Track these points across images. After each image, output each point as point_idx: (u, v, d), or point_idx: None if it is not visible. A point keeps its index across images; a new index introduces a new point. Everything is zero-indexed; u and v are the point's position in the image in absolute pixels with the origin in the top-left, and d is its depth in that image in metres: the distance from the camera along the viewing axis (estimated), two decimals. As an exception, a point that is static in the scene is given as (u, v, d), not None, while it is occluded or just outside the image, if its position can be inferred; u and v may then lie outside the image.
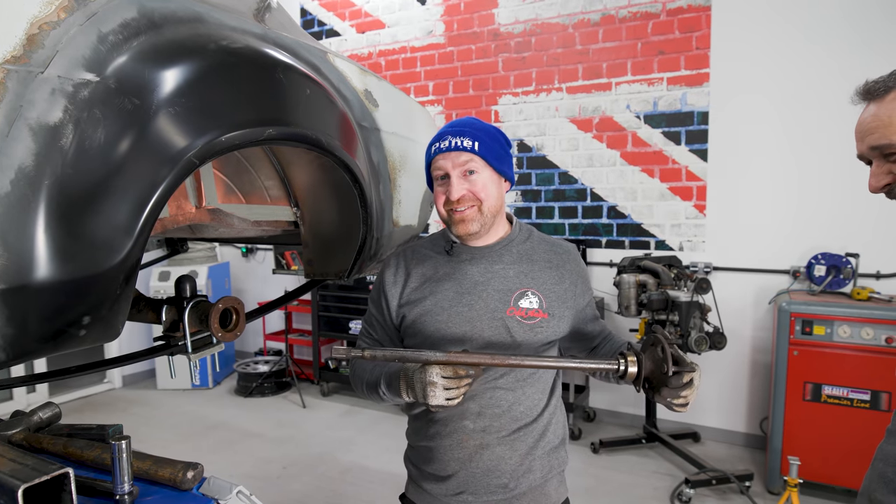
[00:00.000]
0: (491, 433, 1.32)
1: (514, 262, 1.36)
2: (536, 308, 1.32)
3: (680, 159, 4.00)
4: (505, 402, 1.32)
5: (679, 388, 1.12)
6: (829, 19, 3.50)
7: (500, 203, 1.33)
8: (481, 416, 1.32)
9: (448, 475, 1.35)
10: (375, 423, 4.36)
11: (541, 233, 1.46)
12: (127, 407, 4.84)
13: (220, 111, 0.98)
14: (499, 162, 1.29)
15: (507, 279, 1.34)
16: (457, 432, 1.33)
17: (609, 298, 4.20)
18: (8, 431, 1.59)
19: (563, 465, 1.42)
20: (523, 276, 1.34)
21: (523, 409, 1.33)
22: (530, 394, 1.34)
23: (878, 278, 3.47)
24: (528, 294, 1.32)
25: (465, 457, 1.33)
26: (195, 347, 1.33)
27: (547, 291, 1.34)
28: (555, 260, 1.38)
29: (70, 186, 0.77)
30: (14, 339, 0.74)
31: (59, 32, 0.77)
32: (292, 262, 5.04)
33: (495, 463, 1.32)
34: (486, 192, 1.28)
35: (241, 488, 1.35)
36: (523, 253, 1.37)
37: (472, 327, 1.31)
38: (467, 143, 1.26)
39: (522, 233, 1.42)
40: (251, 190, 1.51)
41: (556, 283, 1.35)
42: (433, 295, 1.34)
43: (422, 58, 4.90)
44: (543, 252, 1.39)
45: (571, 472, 3.52)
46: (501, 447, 1.32)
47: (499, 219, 1.35)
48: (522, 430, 1.34)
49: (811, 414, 3.14)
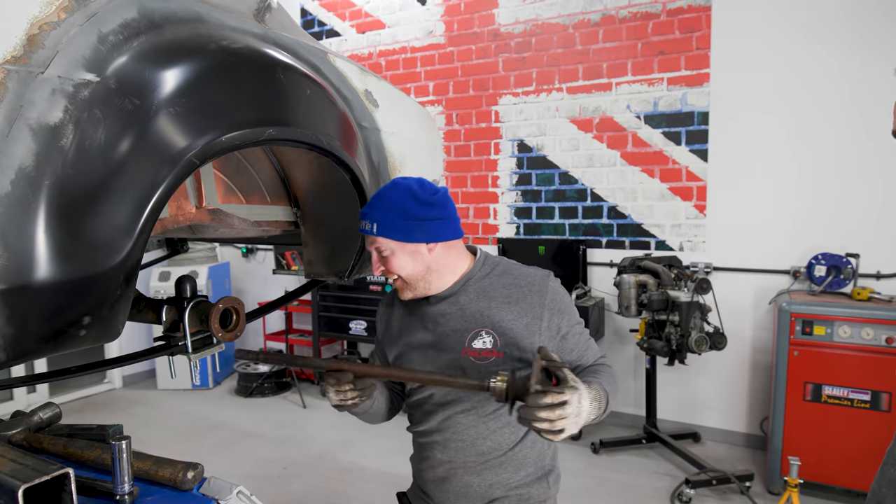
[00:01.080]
0: (457, 464, 1.36)
1: (472, 300, 1.35)
2: (490, 348, 1.30)
3: (680, 159, 4.00)
4: (468, 436, 1.34)
5: (536, 408, 1.04)
6: (830, 19, 3.50)
7: (423, 267, 1.32)
8: (446, 448, 1.37)
9: (428, 492, 1.44)
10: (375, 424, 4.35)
11: (509, 264, 1.42)
12: (127, 407, 4.84)
13: (220, 111, 0.98)
14: (404, 235, 1.28)
15: (464, 319, 1.34)
16: (428, 459, 1.42)
17: (609, 299, 4.19)
18: (8, 431, 1.59)
19: (544, 495, 1.39)
20: (479, 314, 1.33)
21: (491, 445, 1.34)
22: (495, 429, 1.34)
23: (878, 278, 3.47)
24: (482, 334, 1.31)
25: (438, 479, 1.40)
26: (195, 348, 1.33)
27: (503, 329, 1.31)
28: (514, 294, 1.33)
29: (70, 186, 0.77)
30: (14, 339, 0.74)
31: (59, 33, 0.77)
32: (292, 263, 5.04)
33: (464, 489, 1.37)
34: (398, 266, 1.31)
35: (242, 488, 1.35)
36: (481, 290, 1.36)
37: (437, 368, 1.34)
38: (367, 226, 1.29)
39: (484, 268, 1.39)
40: (251, 190, 1.51)
41: (514, 320, 1.31)
42: (407, 336, 1.43)
43: (422, 58, 4.90)
44: (503, 287, 1.35)
45: (571, 473, 3.54)
46: (469, 476, 1.36)
47: (440, 273, 1.35)
48: (490, 463, 1.35)
49: (811, 414, 3.14)
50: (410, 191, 1.29)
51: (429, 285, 1.35)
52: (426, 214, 1.28)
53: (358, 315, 4.71)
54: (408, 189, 1.29)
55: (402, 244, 1.29)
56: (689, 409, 4.09)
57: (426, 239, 1.30)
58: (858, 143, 3.47)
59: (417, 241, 1.29)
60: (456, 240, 1.36)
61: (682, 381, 4.06)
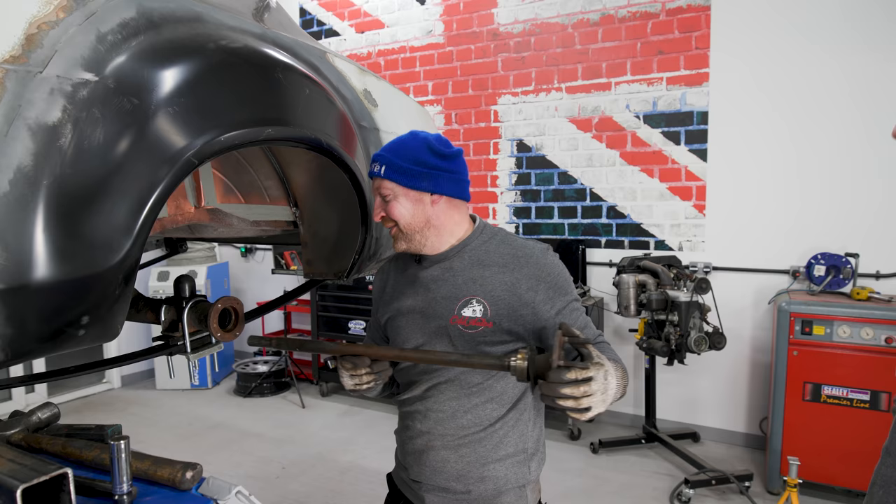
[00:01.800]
0: (435, 436, 1.35)
1: (466, 267, 1.33)
2: (479, 317, 1.28)
3: (679, 159, 4.00)
4: (448, 408, 1.33)
5: (558, 384, 0.98)
6: (830, 19, 3.50)
7: (424, 219, 1.30)
8: (426, 418, 1.36)
9: (407, 465, 1.43)
10: (374, 424, 4.36)
11: (508, 234, 1.39)
12: (126, 407, 4.84)
13: (219, 111, 0.98)
14: (407, 178, 1.27)
15: (455, 286, 1.32)
16: (408, 428, 1.41)
17: (608, 298, 4.20)
18: (7, 432, 1.59)
19: (523, 479, 1.36)
20: (471, 282, 1.30)
21: (471, 419, 1.32)
22: (478, 404, 1.32)
23: (877, 278, 3.47)
24: (473, 302, 1.29)
25: (415, 451, 1.39)
26: (194, 347, 1.33)
27: (495, 299, 1.28)
28: (511, 265, 1.30)
29: (69, 186, 0.77)
30: (13, 339, 0.74)
31: (57, 32, 0.77)
32: (291, 262, 5.03)
33: (440, 465, 1.35)
34: (398, 213, 1.29)
35: (240, 488, 1.35)
36: (476, 258, 1.33)
37: (422, 332, 1.35)
38: (376, 167, 1.29)
39: (483, 235, 1.37)
40: (250, 190, 1.51)
41: (507, 290, 1.28)
42: (397, 301, 1.41)
43: (421, 58, 4.90)
44: (499, 256, 1.32)
45: (571, 472, 3.54)
46: (446, 451, 1.34)
47: (437, 231, 1.33)
48: (470, 437, 1.33)
49: (811, 414, 3.14)
50: (426, 141, 1.30)
51: (425, 240, 1.32)
52: (436, 164, 1.29)
53: (357, 315, 4.71)
54: (424, 139, 1.31)
55: (407, 190, 1.28)
56: (689, 409, 4.10)
57: (431, 189, 1.29)
58: (858, 143, 3.48)
59: (422, 190, 1.29)
60: (461, 201, 1.35)
61: (681, 381, 4.06)
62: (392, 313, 1.42)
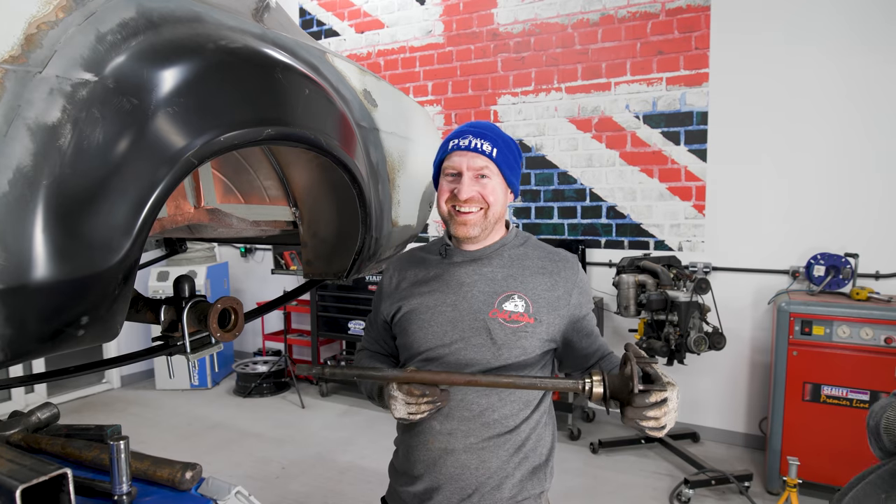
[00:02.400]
0: (457, 437, 1.28)
1: (505, 265, 1.34)
2: (521, 312, 1.28)
3: (679, 159, 4.00)
4: (477, 406, 1.28)
5: (644, 408, 1.02)
6: (829, 20, 3.50)
7: (503, 211, 1.35)
8: (449, 417, 1.28)
9: (416, 476, 1.34)
10: (374, 424, 4.35)
11: (540, 241, 1.44)
12: (125, 407, 4.84)
13: (218, 111, 0.98)
14: (511, 172, 1.31)
15: (494, 282, 1.31)
16: (424, 432, 1.32)
17: (608, 299, 4.20)
18: (6, 432, 1.59)
19: (539, 487, 1.32)
20: (511, 279, 1.31)
21: (497, 418, 1.28)
22: (508, 402, 1.28)
23: (877, 278, 3.47)
24: (515, 297, 1.29)
25: (430, 460, 1.31)
26: (194, 347, 1.33)
27: (536, 296, 1.29)
28: (549, 267, 1.34)
29: (68, 186, 0.76)
30: (12, 339, 0.74)
31: (57, 32, 0.77)
32: (291, 263, 5.03)
33: (459, 471, 1.28)
34: (495, 198, 1.30)
35: (240, 489, 1.35)
36: (515, 257, 1.35)
37: (454, 327, 1.30)
38: (487, 147, 1.27)
39: (518, 238, 1.40)
40: (250, 190, 1.51)
41: (547, 290, 1.31)
42: (420, 295, 1.36)
43: (421, 58, 4.90)
44: (537, 258, 1.35)
45: (571, 472, 3.54)
46: (467, 455, 1.28)
47: (500, 226, 1.37)
48: (493, 440, 1.27)
49: (810, 414, 3.14)
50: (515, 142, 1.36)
51: (490, 230, 1.33)
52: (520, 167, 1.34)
53: (357, 315, 4.71)
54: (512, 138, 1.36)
55: (502, 179, 1.31)
56: (688, 409, 4.10)
57: (515, 188, 1.35)
58: (857, 143, 3.48)
59: (511, 185, 1.33)
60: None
61: (680, 381, 4.01)
62: (412, 307, 1.35)
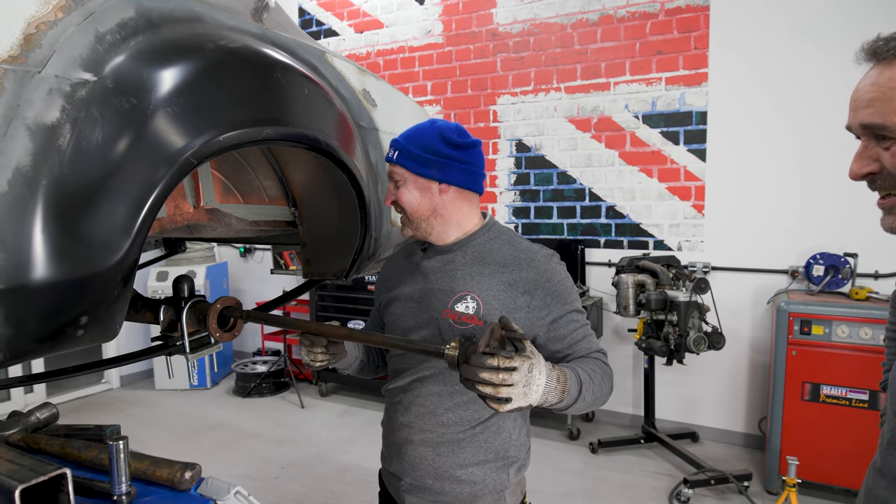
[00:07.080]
0: (415, 430, 1.34)
1: (467, 262, 1.32)
2: (471, 314, 1.25)
3: (678, 159, 4.01)
4: (431, 404, 1.32)
5: (479, 368, 0.97)
6: (830, 19, 3.51)
7: (430, 207, 1.31)
8: (408, 411, 1.35)
9: (389, 459, 1.43)
10: (373, 423, 4.35)
11: (516, 236, 1.38)
12: (125, 407, 4.84)
13: (217, 111, 0.98)
14: (417, 165, 1.28)
15: (453, 280, 1.31)
16: (391, 420, 1.41)
17: (608, 298, 4.20)
18: (5, 432, 1.59)
19: (502, 486, 1.33)
20: (469, 277, 1.29)
21: (452, 418, 1.31)
22: (460, 402, 1.30)
23: (876, 278, 3.47)
24: (467, 298, 1.27)
25: (396, 445, 1.39)
26: (193, 347, 1.33)
27: (490, 298, 1.26)
28: (511, 265, 1.28)
29: (67, 186, 0.76)
30: (11, 340, 0.74)
31: (56, 32, 0.77)
32: (290, 263, 5.03)
33: (418, 460, 1.34)
34: (406, 200, 1.31)
35: (239, 489, 1.35)
36: (478, 254, 1.32)
37: (416, 323, 1.35)
38: (391, 153, 1.32)
39: (490, 233, 1.36)
40: (249, 190, 1.51)
41: (502, 291, 1.26)
42: (397, 287, 1.42)
43: (420, 58, 4.90)
44: (501, 255, 1.31)
45: (570, 472, 3.54)
46: (424, 447, 1.33)
47: (444, 221, 1.33)
48: (448, 438, 1.31)
49: (810, 414, 3.14)
50: (440, 129, 1.30)
51: (430, 229, 1.33)
52: (447, 153, 1.29)
53: (356, 315, 4.71)
54: (439, 127, 1.31)
55: (416, 177, 1.30)
56: (688, 409, 4.10)
57: (440, 177, 1.29)
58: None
59: (430, 178, 1.29)
60: (472, 193, 1.35)
61: (680, 381, 4.06)
62: (389, 299, 1.43)
